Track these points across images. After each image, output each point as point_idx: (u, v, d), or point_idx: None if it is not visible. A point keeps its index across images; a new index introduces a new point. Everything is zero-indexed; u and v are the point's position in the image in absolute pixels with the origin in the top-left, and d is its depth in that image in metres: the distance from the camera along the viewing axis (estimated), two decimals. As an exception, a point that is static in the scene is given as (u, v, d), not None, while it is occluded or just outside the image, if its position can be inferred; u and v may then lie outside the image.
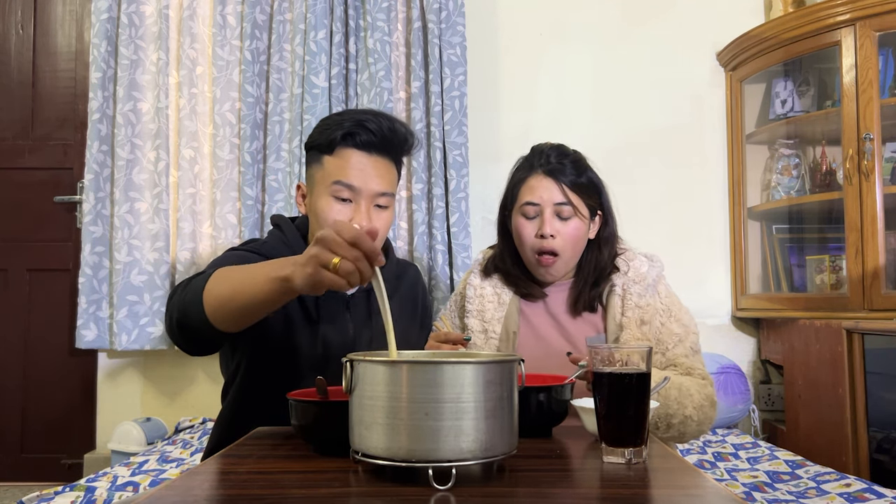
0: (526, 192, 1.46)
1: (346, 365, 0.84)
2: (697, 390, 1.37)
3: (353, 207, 1.29)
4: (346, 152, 1.29)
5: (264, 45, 2.62)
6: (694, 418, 1.34)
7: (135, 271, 2.52)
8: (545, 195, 1.43)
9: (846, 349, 2.06)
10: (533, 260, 1.46)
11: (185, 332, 1.12)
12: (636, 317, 1.43)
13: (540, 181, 1.45)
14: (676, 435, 1.36)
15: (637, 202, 2.65)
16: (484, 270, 1.57)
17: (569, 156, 1.48)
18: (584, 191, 1.46)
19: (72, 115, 2.86)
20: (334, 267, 0.88)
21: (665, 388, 1.32)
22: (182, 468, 1.92)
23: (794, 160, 2.53)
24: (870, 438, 2.01)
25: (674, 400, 1.32)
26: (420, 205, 2.53)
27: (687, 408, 1.33)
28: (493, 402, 0.81)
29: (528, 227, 1.45)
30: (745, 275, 2.62)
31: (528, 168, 1.48)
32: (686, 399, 1.33)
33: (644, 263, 1.49)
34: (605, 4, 2.74)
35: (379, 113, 1.32)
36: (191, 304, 1.08)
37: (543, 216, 1.43)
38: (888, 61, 2.28)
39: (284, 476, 0.86)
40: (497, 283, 1.54)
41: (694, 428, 1.36)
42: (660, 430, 1.35)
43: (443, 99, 2.54)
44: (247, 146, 2.55)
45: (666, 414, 1.32)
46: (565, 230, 1.43)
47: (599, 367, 0.94)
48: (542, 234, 1.42)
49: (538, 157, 1.48)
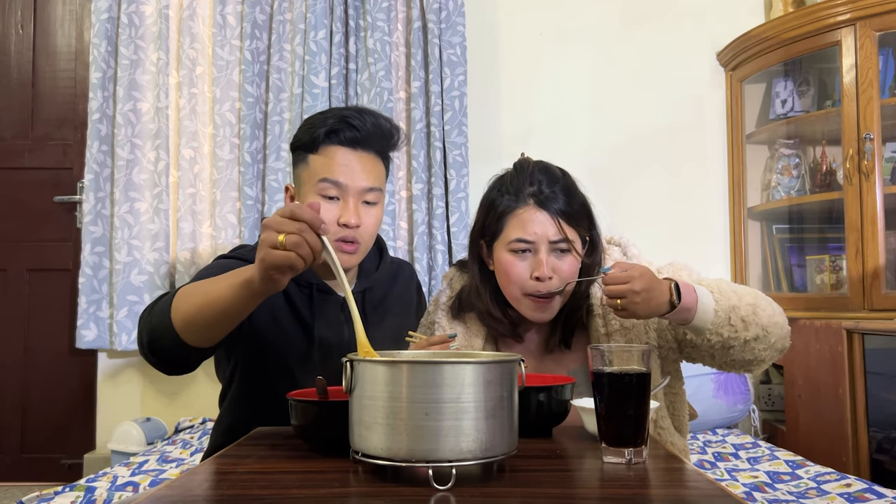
0: (516, 227, 1.25)
1: (345, 365, 0.84)
2: (738, 285, 1.21)
3: (340, 205, 1.27)
4: (331, 150, 1.28)
5: (264, 45, 2.62)
6: (761, 305, 1.17)
7: (135, 271, 2.52)
8: (539, 231, 1.24)
9: (846, 349, 2.06)
10: (521, 299, 1.27)
11: (158, 353, 1.11)
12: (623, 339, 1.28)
13: (532, 215, 1.24)
14: (761, 334, 1.16)
15: (637, 202, 2.65)
16: (452, 309, 1.37)
17: (558, 181, 1.28)
18: (578, 221, 1.28)
19: (72, 115, 2.86)
20: (282, 245, 0.89)
21: (715, 284, 1.17)
22: (182, 468, 1.92)
23: (795, 160, 2.53)
24: (870, 438, 2.01)
25: (729, 291, 1.16)
26: (420, 205, 2.53)
27: (745, 296, 1.16)
28: (493, 402, 0.81)
29: (519, 267, 1.25)
30: (745, 275, 2.62)
31: (515, 196, 1.27)
32: (740, 289, 1.18)
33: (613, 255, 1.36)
34: (605, 5, 2.74)
35: (363, 109, 1.32)
36: (159, 325, 1.08)
37: (538, 255, 1.24)
38: (888, 61, 2.28)
39: (284, 476, 0.86)
40: (469, 324, 1.35)
41: (769, 318, 1.17)
42: (739, 334, 1.15)
43: (443, 99, 2.54)
44: (247, 146, 2.55)
45: (731, 306, 1.14)
46: (562, 267, 1.25)
47: (599, 367, 0.94)
48: (541, 276, 1.23)
49: (525, 181, 1.27)
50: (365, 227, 1.29)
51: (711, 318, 1.15)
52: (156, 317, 1.09)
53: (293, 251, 0.89)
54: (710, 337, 1.16)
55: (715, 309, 1.14)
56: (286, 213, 0.90)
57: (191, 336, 1.06)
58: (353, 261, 1.31)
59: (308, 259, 0.91)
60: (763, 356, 1.20)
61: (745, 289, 1.21)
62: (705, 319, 1.15)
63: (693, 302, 1.13)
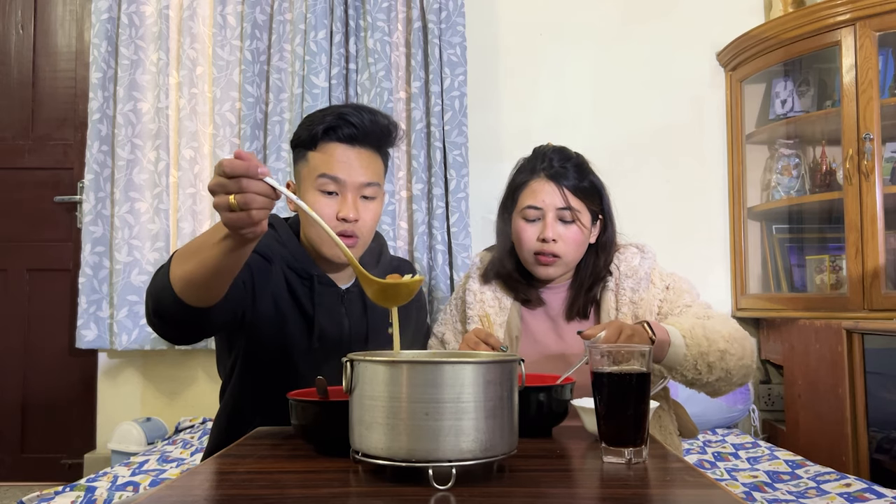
0: (528, 196, 1.44)
1: (345, 365, 0.84)
2: (722, 323, 1.33)
3: (339, 200, 1.30)
4: (330, 146, 1.30)
5: (264, 45, 2.62)
6: (731, 351, 1.29)
7: (135, 271, 2.52)
8: (547, 199, 1.42)
9: (846, 349, 2.06)
10: (531, 260, 1.45)
11: (163, 318, 1.12)
12: (631, 313, 1.43)
13: (542, 185, 1.43)
14: (723, 376, 1.29)
15: (637, 202, 2.65)
16: (483, 276, 1.55)
17: (571, 159, 1.47)
18: (586, 195, 1.45)
19: (72, 115, 2.86)
20: (236, 206, 0.89)
21: (689, 328, 1.28)
22: (182, 468, 1.92)
23: (794, 160, 2.53)
24: (870, 438, 2.01)
25: (702, 337, 1.27)
26: (420, 205, 2.53)
27: (718, 342, 1.28)
28: (493, 402, 0.81)
29: (529, 231, 1.44)
30: (744, 275, 2.62)
31: (530, 171, 1.46)
32: (714, 334, 1.29)
33: (636, 255, 1.49)
34: (605, 4, 2.74)
35: (360, 106, 1.34)
36: (160, 290, 1.08)
37: (545, 220, 1.42)
38: (888, 61, 2.28)
39: (284, 476, 0.86)
40: (497, 288, 1.53)
41: (736, 362, 1.29)
42: (703, 376, 1.28)
43: (443, 99, 2.54)
44: (247, 146, 2.55)
45: (699, 353, 1.26)
46: (567, 234, 1.42)
47: (599, 367, 0.94)
48: (545, 238, 1.41)
49: (540, 160, 1.46)
50: (363, 221, 1.31)
51: (680, 361, 1.27)
52: (157, 282, 1.10)
53: (247, 209, 0.89)
54: (675, 375, 1.31)
55: (684, 354, 1.27)
56: (220, 173, 0.89)
57: (190, 296, 1.07)
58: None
59: (266, 207, 0.91)
60: (723, 391, 1.36)
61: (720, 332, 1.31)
62: (674, 361, 1.27)
63: (665, 344, 1.25)
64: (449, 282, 2.53)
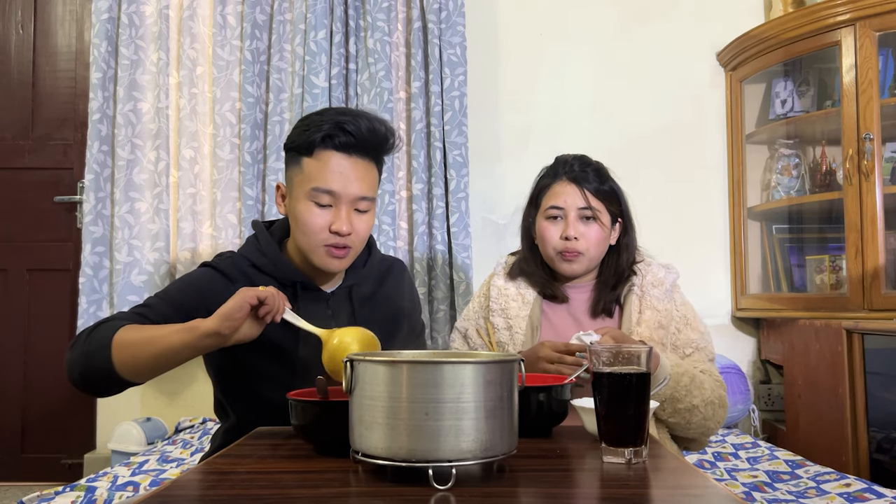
0: (550, 198, 1.54)
1: (346, 365, 0.84)
2: (711, 387, 1.42)
3: (332, 212, 1.27)
4: (325, 155, 1.26)
5: (264, 45, 2.62)
6: (701, 410, 1.39)
7: (135, 271, 2.52)
8: (569, 200, 1.51)
9: (846, 349, 2.06)
10: (555, 257, 1.53)
11: (91, 386, 1.20)
12: (654, 319, 1.48)
13: (564, 187, 1.53)
14: (682, 423, 1.40)
15: (637, 202, 2.62)
16: (509, 273, 1.63)
17: (591, 165, 1.56)
18: (606, 198, 1.53)
19: (72, 115, 2.86)
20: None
21: (678, 373, 1.36)
22: (182, 468, 1.92)
23: (794, 160, 2.53)
24: (870, 438, 2.01)
25: (683, 387, 1.37)
26: (420, 205, 2.53)
27: (695, 398, 1.38)
28: (493, 402, 0.81)
29: (552, 230, 1.52)
30: (745, 275, 2.62)
31: (553, 176, 1.56)
32: (696, 390, 1.38)
33: (661, 270, 1.57)
34: (605, 4, 2.74)
35: (359, 113, 1.30)
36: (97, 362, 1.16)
37: (567, 219, 1.51)
38: (888, 61, 2.28)
39: (284, 476, 0.86)
40: (521, 283, 1.60)
41: (699, 420, 1.40)
42: (665, 412, 1.39)
43: (443, 99, 2.54)
44: (247, 146, 2.55)
45: (672, 397, 1.36)
46: (588, 232, 1.51)
47: (599, 367, 0.94)
48: (567, 236, 1.50)
49: (562, 165, 1.56)
50: (356, 233, 1.30)
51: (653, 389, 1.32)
52: (93, 352, 1.16)
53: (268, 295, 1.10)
54: None
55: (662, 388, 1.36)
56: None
57: (134, 376, 1.16)
58: (343, 265, 1.33)
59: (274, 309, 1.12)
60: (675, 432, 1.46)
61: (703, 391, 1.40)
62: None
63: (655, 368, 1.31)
64: (449, 282, 2.52)
